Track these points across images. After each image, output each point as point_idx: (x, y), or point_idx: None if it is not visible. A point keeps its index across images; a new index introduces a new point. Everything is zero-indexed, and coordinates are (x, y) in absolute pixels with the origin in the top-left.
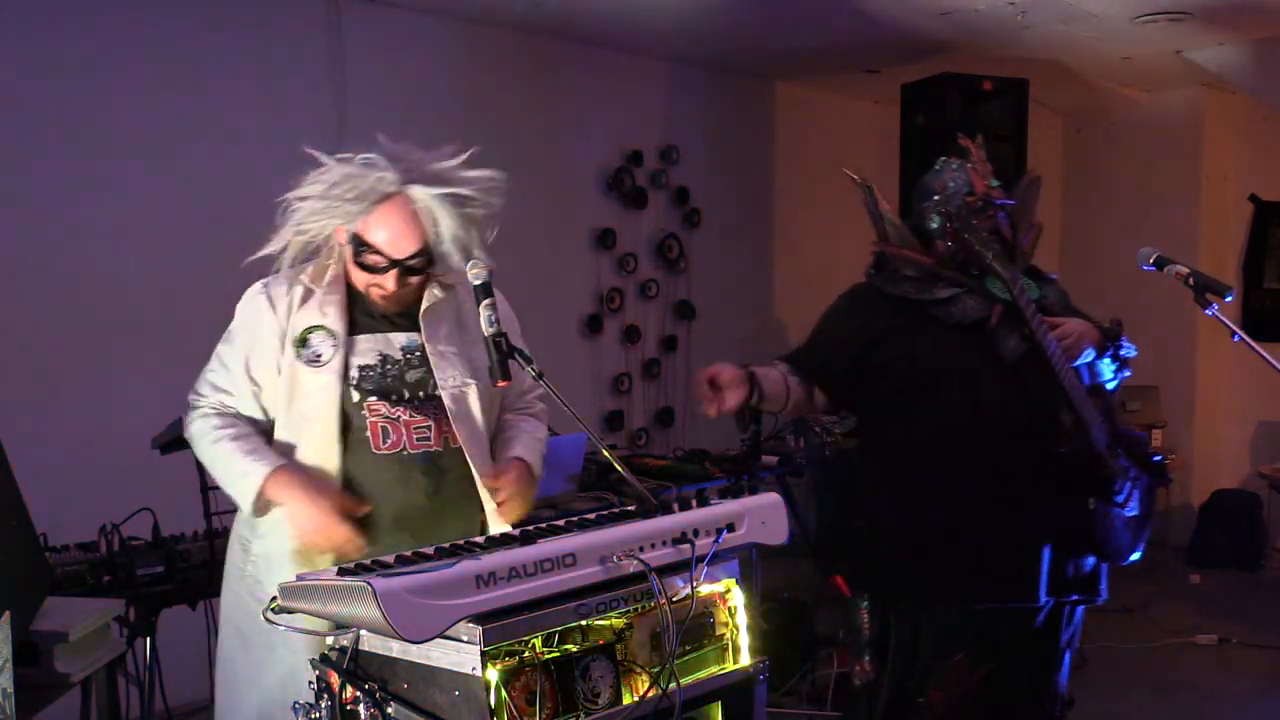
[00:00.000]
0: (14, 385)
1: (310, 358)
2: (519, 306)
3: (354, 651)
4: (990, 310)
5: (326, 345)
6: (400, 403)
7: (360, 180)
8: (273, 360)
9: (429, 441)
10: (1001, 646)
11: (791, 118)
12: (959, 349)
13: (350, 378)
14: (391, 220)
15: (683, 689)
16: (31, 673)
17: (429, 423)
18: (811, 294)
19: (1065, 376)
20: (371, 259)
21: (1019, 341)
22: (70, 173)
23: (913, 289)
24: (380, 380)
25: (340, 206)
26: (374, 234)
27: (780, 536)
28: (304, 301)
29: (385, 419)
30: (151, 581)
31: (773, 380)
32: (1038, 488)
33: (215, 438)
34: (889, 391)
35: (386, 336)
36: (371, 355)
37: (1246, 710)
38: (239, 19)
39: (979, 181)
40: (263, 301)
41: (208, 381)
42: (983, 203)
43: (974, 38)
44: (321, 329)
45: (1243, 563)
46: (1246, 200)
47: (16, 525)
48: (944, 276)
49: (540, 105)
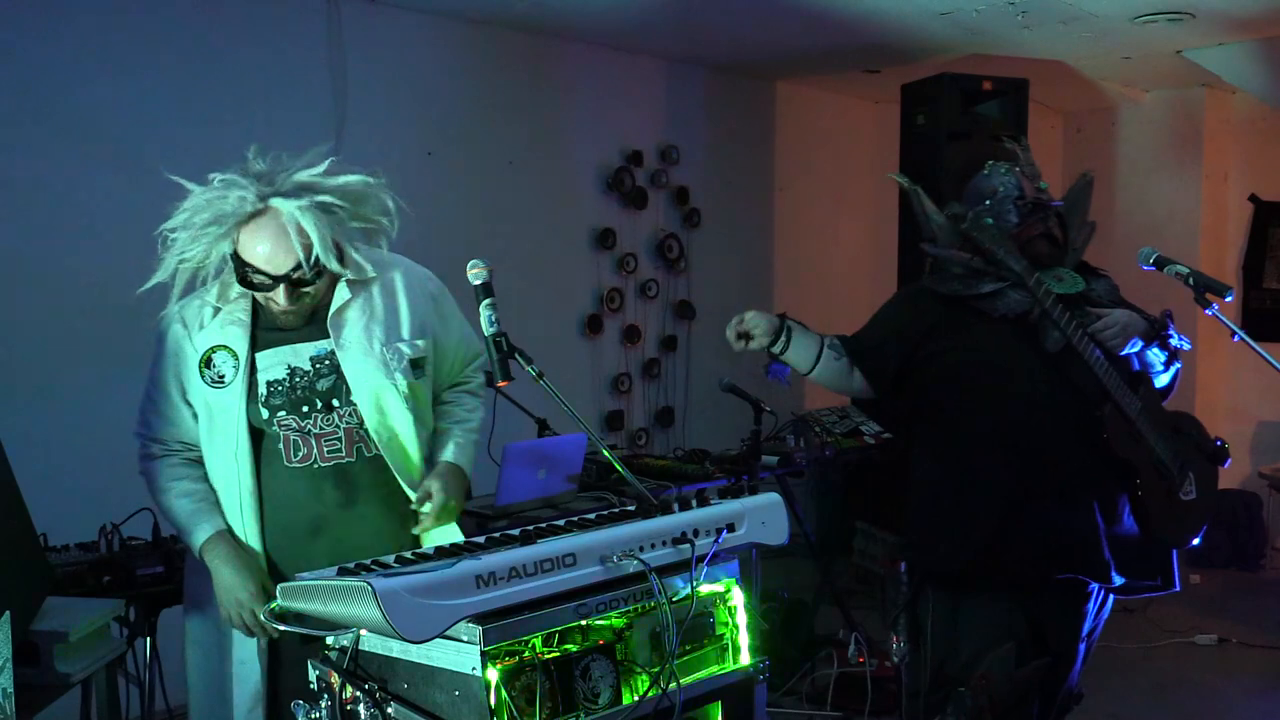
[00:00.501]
0: (14, 385)
1: (214, 379)
2: (519, 307)
3: (354, 651)
4: (1033, 304)
5: (228, 365)
6: (312, 413)
7: (221, 203)
8: (196, 384)
9: (340, 453)
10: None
11: (791, 118)
12: (1005, 341)
13: (259, 395)
14: (262, 236)
15: (683, 689)
16: (31, 673)
17: (339, 434)
18: (812, 294)
19: (1098, 365)
20: (255, 278)
21: (1061, 335)
22: (69, 172)
23: (960, 286)
24: (289, 394)
25: (208, 230)
26: (249, 253)
27: (780, 536)
28: (210, 319)
29: (296, 432)
30: (151, 581)
31: (806, 341)
32: (1087, 475)
33: (163, 489)
34: (939, 381)
35: (294, 348)
36: (279, 369)
37: (1246, 710)
38: (239, 18)
39: (1028, 185)
40: (178, 326)
41: (149, 414)
42: (1032, 205)
43: (974, 38)
44: (224, 348)
45: (1243, 563)
46: (1246, 200)
47: (16, 525)
48: (988, 273)
49: (540, 105)
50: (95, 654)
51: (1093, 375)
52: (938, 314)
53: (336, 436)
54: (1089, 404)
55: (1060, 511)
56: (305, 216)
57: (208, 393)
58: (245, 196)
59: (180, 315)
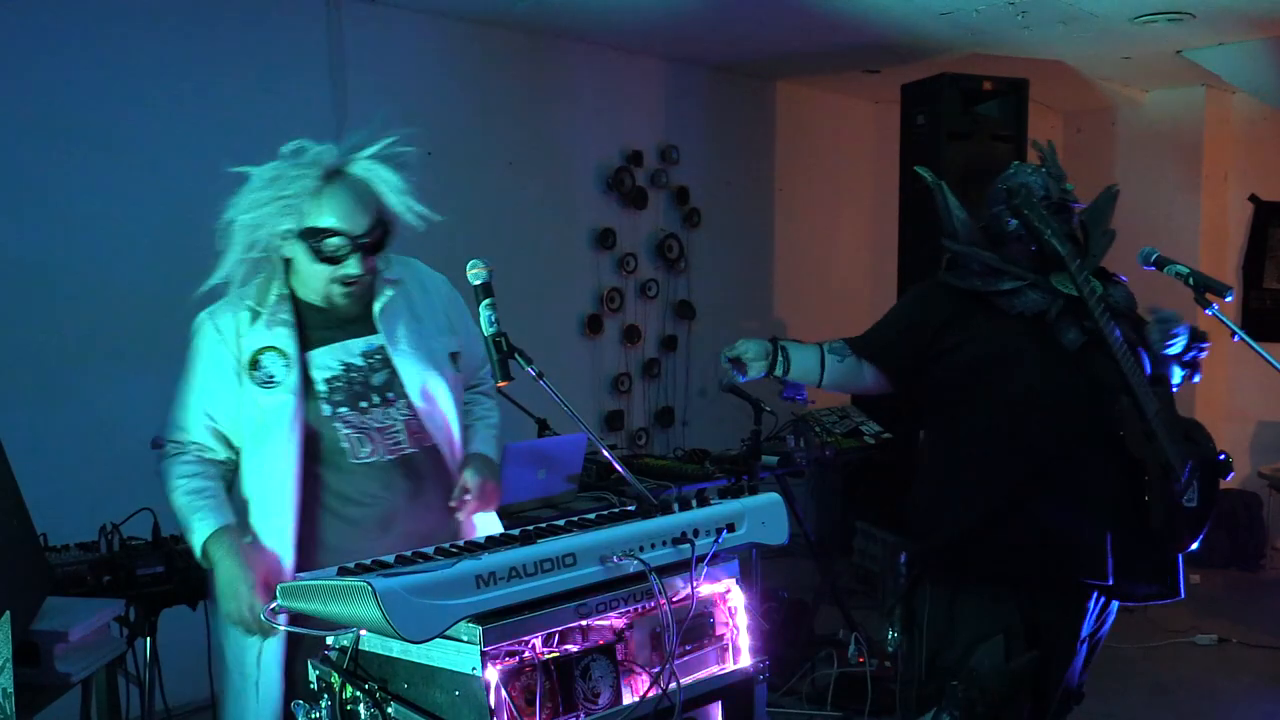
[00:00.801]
0: (15, 385)
1: (263, 380)
2: (519, 307)
3: (354, 651)
4: (1051, 304)
5: (278, 365)
6: (370, 408)
7: (296, 169)
8: (229, 390)
9: (403, 445)
10: (1042, 625)
11: (791, 118)
12: (1021, 338)
13: (318, 392)
14: (339, 199)
15: (683, 689)
16: (31, 673)
17: (398, 426)
18: (811, 294)
19: (1125, 362)
20: (332, 244)
21: (1079, 334)
22: (69, 173)
23: (980, 282)
24: (347, 389)
25: (285, 201)
26: (326, 219)
27: (780, 536)
28: (251, 324)
29: (358, 428)
30: (151, 581)
31: (804, 355)
32: (1096, 473)
33: (172, 486)
34: (954, 374)
35: (344, 345)
36: (333, 366)
37: (1246, 710)
38: (239, 19)
39: (1053, 185)
40: (210, 332)
41: (173, 419)
42: (1056, 205)
43: (974, 38)
44: (272, 349)
45: (1242, 563)
46: (1246, 200)
47: (16, 525)
48: (1009, 271)
49: (540, 105)
50: (95, 654)
51: (1111, 373)
52: (954, 309)
53: (397, 429)
54: (1103, 405)
55: (1066, 511)
56: (377, 165)
57: (258, 394)
58: (320, 158)
59: (213, 322)
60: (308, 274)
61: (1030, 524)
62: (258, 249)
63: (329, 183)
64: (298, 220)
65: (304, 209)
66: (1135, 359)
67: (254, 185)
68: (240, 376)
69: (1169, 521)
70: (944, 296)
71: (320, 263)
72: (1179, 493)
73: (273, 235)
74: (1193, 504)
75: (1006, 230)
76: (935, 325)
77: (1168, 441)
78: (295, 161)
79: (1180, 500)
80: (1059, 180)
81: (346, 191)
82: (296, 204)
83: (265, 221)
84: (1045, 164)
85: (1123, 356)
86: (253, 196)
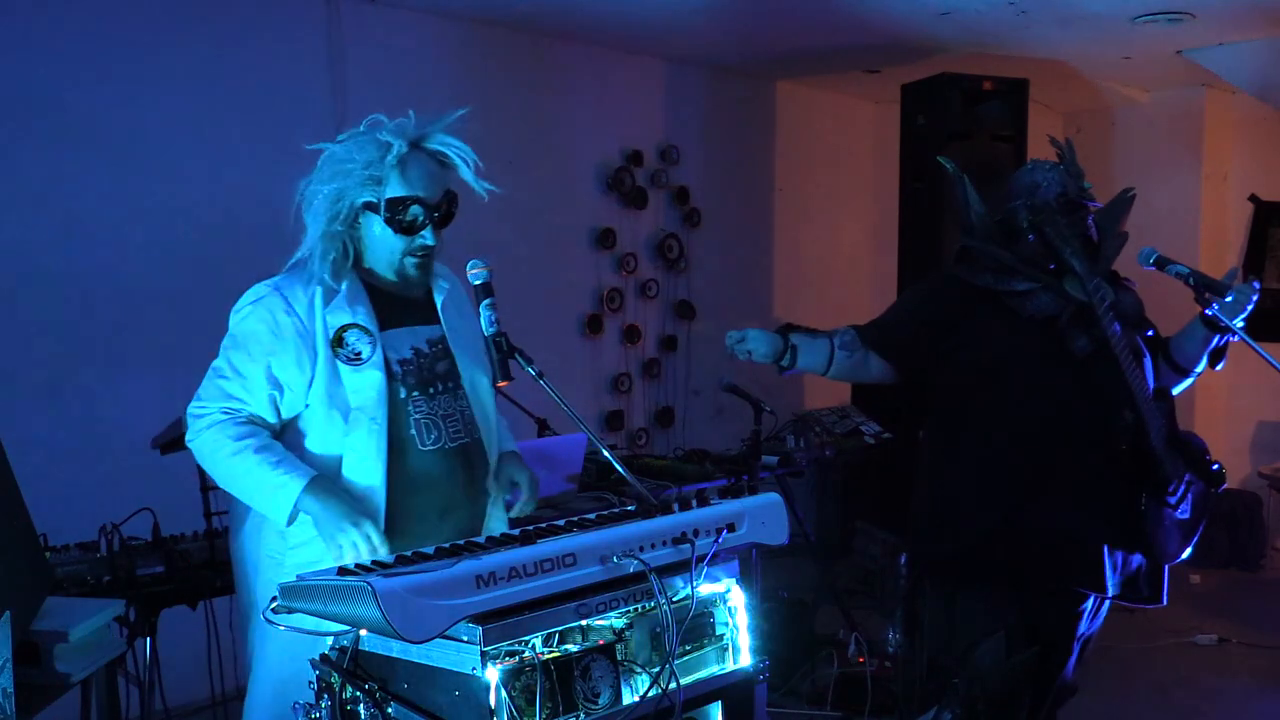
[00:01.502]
0: (15, 385)
1: (349, 356)
2: (519, 307)
3: (354, 651)
4: (1062, 308)
5: (364, 343)
6: (436, 395)
7: (379, 141)
8: (298, 362)
9: (462, 435)
10: (1041, 628)
11: (791, 118)
12: (1030, 341)
13: (394, 373)
14: (420, 169)
15: (683, 689)
16: (31, 673)
17: (458, 415)
18: (811, 294)
19: (1132, 376)
20: (412, 212)
21: (1087, 341)
22: (69, 173)
23: (992, 279)
24: (419, 374)
25: (369, 171)
26: (407, 188)
27: (780, 536)
28: (328, 301)
29: (426, 414)
30: (151, 581)
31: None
32: (1096, 481)
33: (234, 449)
34: (961, 377)
35: (412, 330)
36: (405, 349)
37: (1246, 710)
38: (239, 18)
39: (1070, 183)
40: (278, 303)
41: (215, 390)
42: (1072, 204)
43: (974, 38)
44: (357, 327)
45: (1243, 563)
46: (1246, 200)
47: (16, 525)
48: (1021, 271)
49: (540, 105)
50: (95, 654)
51: (1116, 384)
52: (964, 305)
53: (457, 418)
54: (1107, 412)
55: (1065, 515)
56: (451, 135)
57: (345, 371)
58: (403, 127)
59: (280, 295)
60: (382, 246)
61: (1031, 532)
62: (339, 220)
63: (409, 153)
64: (378, 191)
65: (386, 178)
66: (1141, 371)
67: (336, 156)
68: (319, 351)
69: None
70: (955, 291)
71: (398, 233)
72: (1173, 505)
73: (354, 206)
74: (1185, 516)
75: (1020, 226)
76: (946, 322)
77: (1166, 454)
78: (375, 134)
79: (1174, 513)
80: (1077, 178)
81: (426, 162)
82: (379, 173)
83: (347, 192)
84: (1064, 161)
85: (1128, 368)
86: (334, 167)
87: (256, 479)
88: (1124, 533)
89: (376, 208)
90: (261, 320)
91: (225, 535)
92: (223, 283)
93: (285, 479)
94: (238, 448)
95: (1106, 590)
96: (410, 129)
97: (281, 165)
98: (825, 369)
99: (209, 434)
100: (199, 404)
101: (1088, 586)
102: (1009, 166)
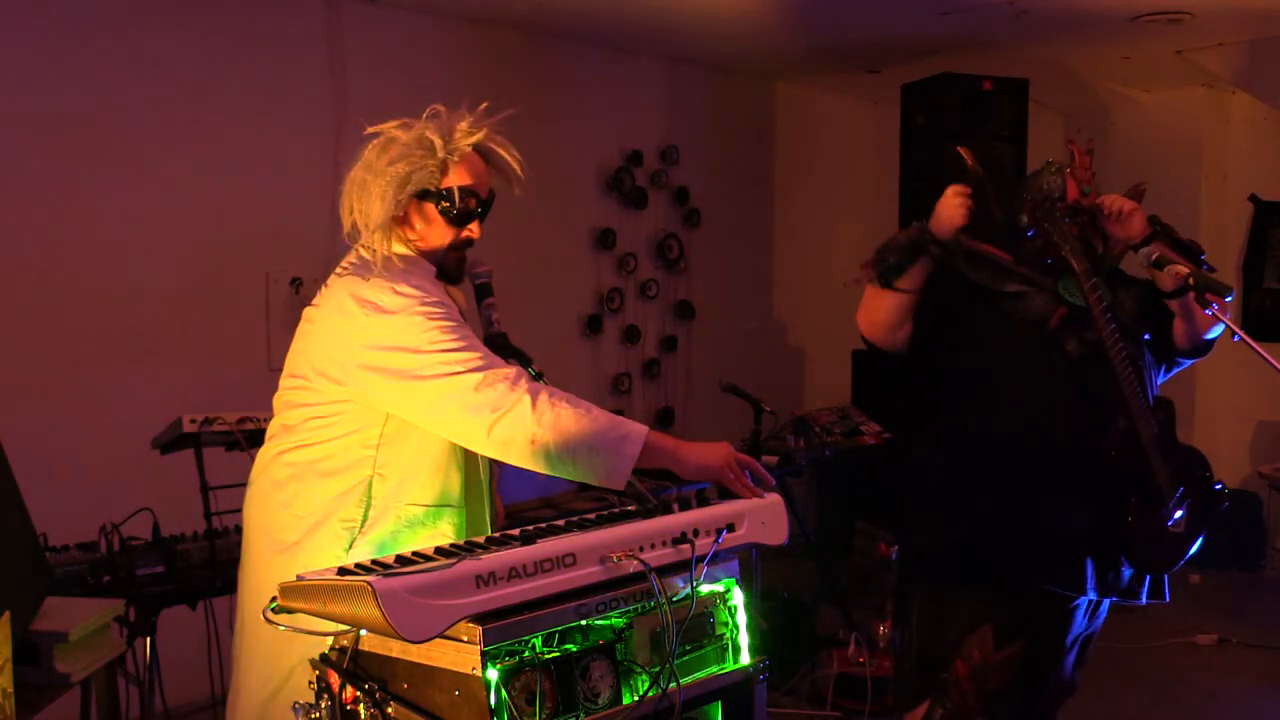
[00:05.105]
0: (14, 385)
1: None
2: (519, 307)
3: (354, 651)
4: (1053, 312)
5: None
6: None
7: (438, 133)
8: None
9: None
10: (1029, 625)
11: (791, 118)
12: (1021, 343)
13: None
14: (472, 164)
15: (683, 689)
16: (31, 673)
17: None
18: (811, 294)
19: (1127, 382)
20: (464, 204)
21: (1078, 345)
22: (69, 174)
23: (989, 278)
24: None
25: (437, 159)
26: (462, 179)
27: (780, 536)
28: (415, 285)
29: None
30: (151, 581)
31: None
32: (1083, 486)
33: (573, 409)
34: (950, 378)
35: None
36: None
37: (1246, 710)
38: (238, 19)
39: (1074, 188)
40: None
41: (477, 356)
42: (1073, 209)
43: (974, 38)
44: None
45: (1243, 562)
46: (1246, 200)
47: (16, 525)
48: (1017, 273)
49: (540, 105)
50: (95, 654)
51: (1109, 390)
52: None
53: None
54: (1099, 416)
55: (1050, 517)
56: (500, 138)
57: None
58: (461, 124)
59: (406, 278)
60: (429, 237)
61: (1015, 535)
62: (401, 206)
63: (470, 147)
64: (437, 179)
65: (449, 168)
66: (1136, 376)
67: (399, 142)
68: None
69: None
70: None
71: (450, 223)
72: (1164, 517)
73: (414, 192)
74: (1178, 530)
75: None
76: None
77: (1161, 466)
78: (439, 124)
79: (1166, 525)
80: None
81: (475, 157)
82: (444, 162)
83: (413, 176)
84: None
85: (1122, 373)
86: (397, 151)
87: (599, 434)
88: (1107, 539)
89: (435, 196)
90: (438, 296)
91: (225, 535)
92: (222, 283)
93: (628, 429)
94: (574, 404)
95: (1087, 592)
96: (468, 122)
97: (281, 165)
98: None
99: (538, 401)
100: (479, 361)
101: (1068, 588)
102: (1009, 166)
